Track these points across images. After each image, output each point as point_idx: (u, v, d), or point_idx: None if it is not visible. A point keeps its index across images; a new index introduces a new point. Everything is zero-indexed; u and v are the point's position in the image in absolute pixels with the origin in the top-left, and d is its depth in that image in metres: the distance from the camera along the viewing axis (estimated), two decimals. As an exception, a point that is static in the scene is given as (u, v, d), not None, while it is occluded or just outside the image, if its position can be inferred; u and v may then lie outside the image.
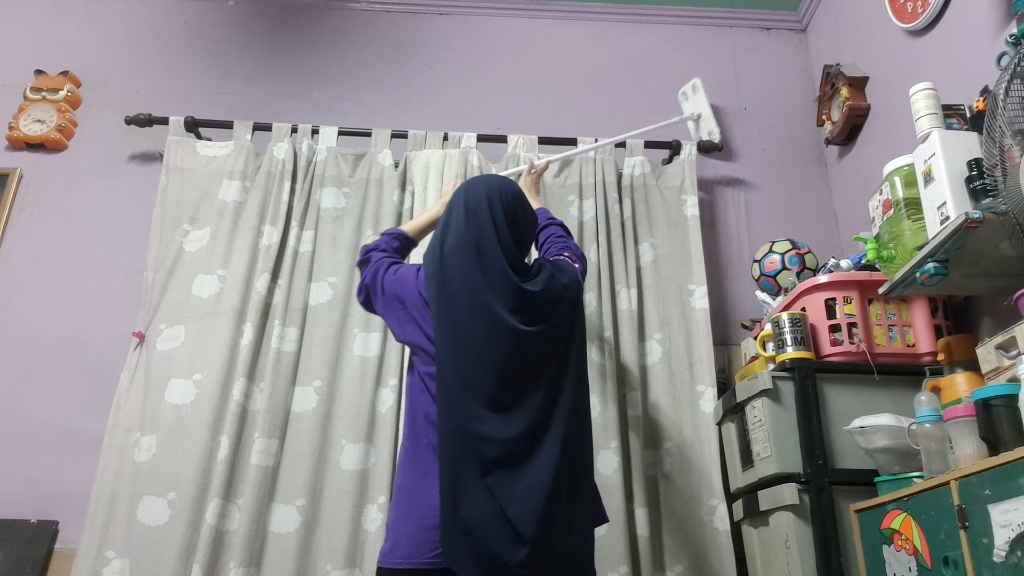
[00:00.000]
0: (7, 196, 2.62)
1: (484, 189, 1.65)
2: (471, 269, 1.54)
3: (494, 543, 1.38)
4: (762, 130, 2.92)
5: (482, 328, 1.50)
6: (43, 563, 2.18)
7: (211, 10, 3.01)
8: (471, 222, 1.59)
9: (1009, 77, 1.45)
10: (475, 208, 1.60)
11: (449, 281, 1.54)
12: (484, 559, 1.38)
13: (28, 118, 2.72)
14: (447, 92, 2.91)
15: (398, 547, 1.46)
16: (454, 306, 1.52)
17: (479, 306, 1.51)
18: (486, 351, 1.49)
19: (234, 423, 2.17)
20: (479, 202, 1.61)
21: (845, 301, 1.98)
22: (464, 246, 1.56)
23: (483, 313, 1.51)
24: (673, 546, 2.16)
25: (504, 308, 1.51)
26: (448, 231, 1.60)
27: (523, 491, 1.42)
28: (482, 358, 1.49)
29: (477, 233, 1.57)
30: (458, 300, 1.52)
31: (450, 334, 1.51)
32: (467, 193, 1.65)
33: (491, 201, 1.61)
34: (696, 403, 2.31)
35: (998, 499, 1.22)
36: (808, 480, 1.77)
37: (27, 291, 2.52)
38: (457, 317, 1.51)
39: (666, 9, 3.08)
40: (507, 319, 1.50)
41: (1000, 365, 1.48)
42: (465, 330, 1.50)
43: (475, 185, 1.67)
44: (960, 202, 1.53)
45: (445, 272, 1.55)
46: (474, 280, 1.53)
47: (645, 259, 2.50)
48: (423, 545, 1.43)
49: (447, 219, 1.63)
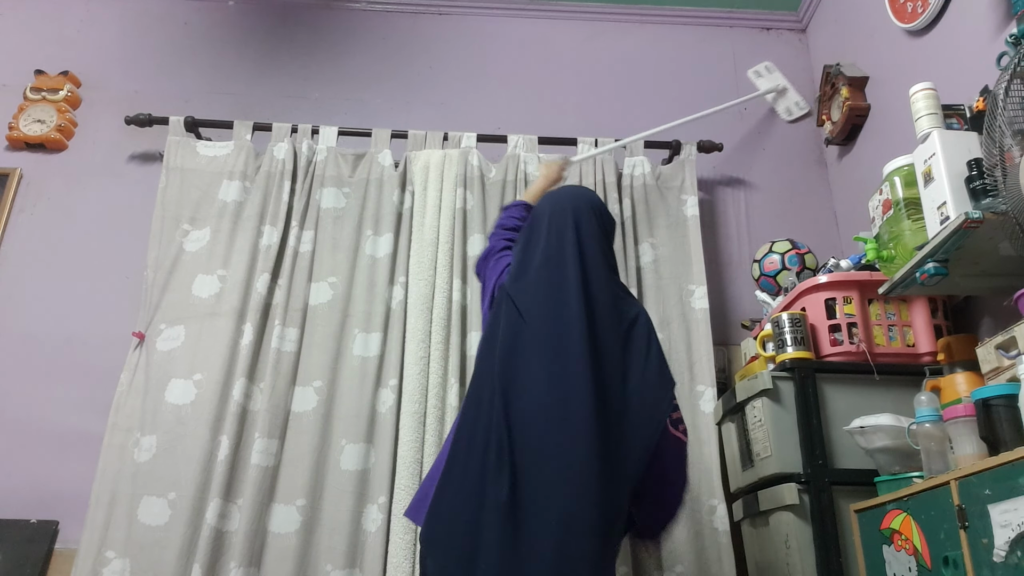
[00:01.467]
0: (7, 196, 2.62)
1: (572, 205, 1.58)
2: (553, 290, 1.46)
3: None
4: (762, 130, 2.92)
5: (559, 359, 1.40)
6: (43, 563, 2.18)
7: (211, 10, 3.01)
8: (557, 243, 1.52)
9: (1009, 77, 1.45)
10: (561, 227, 1.54)
11: (533, 303, 1.46)
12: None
13: (28, 118, 2.72)
14: (447, 92, 2.91)
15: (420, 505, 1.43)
16: (535, 329, 1.44)
17: (561, 333, 1.42)
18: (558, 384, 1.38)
19: (234, 423, 2.17)
20: (565, 220, 1.55)
21: (845, 301, 1.98)
22: (546, 268, 1.49)
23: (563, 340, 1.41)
24: (673, 546, 2.16)
25: (586, 334, 1.41)
26: (534, 251, 1.53)
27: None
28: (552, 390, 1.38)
29: (563, 254, 1.50)
30: (540, 324, 1.44)
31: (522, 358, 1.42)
32: (553, 210, 1.58)
33: (577, 221, 1.55)
34: (696, 403, 2.31)
35: (998, 499, 1.22)
36: (808, 480, 1.77)
37: (27, 291, 2.52)
38: (536, 340, 1.43)
39: (666, 9, 3.08)
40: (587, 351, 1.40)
41: (1000, 365, 1.48)
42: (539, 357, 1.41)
43: (561, 201, 1.61)
44: (960, 202, 1.53)
45: (529, 293, 1.48)
46: (557, 303, 1.45)
47: (645, 259, 2.50)
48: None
49: (532, 238, 1.56)
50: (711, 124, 2.86)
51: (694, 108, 2.91)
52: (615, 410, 1.39)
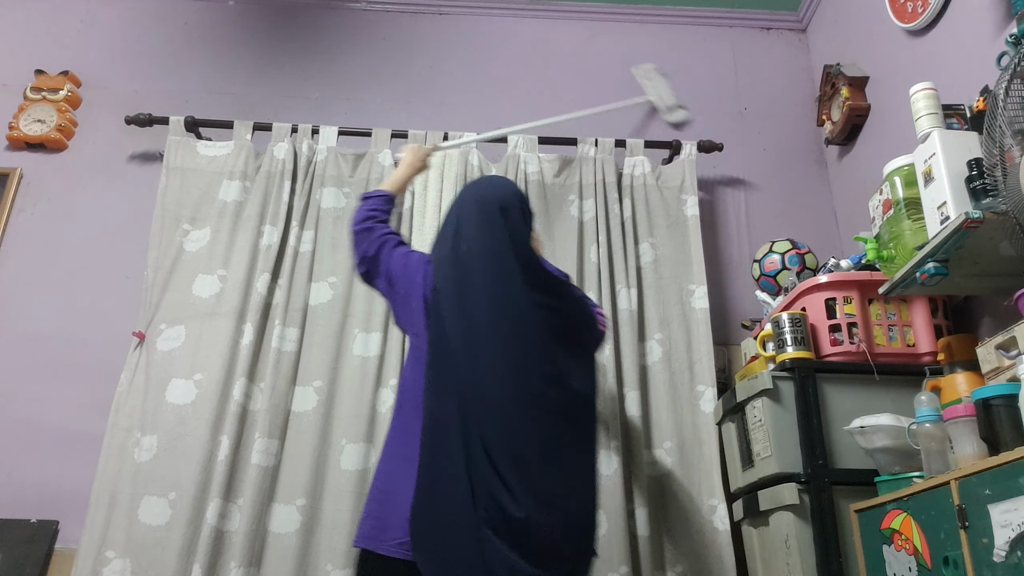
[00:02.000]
0: (7, 196, 2.62)
1: (498, 195, 1.62)
2: (487, 276, 1.51)
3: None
4: (762, 130, 2.92)
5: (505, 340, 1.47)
6: (43, 563, 2.18)
7: (211, 10, 3.01)
8: (487, 230, 1.56)
9: (1009, 77, 1.45)
10: (489, 215, 1.58)
11: (466, 291, 1.50)
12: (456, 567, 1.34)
13: (28, 118, 2.72)
14: (447, 92, 2.91)
15: (389, 530, 1.43)
16: (474, 316, 1.48)
17: (501, 317, 1.48)
18: (505, 358, 1.45)
19: (234, 423, 2.17)
20: (492, 209, 1.59)
21: (845, 301, 1.98)
22: (481, 255, 1.53)
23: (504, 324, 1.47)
24: (673, 546, 2.16)
25: (526, 319, 1.49)
26: (461, 239, 1.56)
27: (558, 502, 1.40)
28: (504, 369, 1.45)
29: (495, 242, 1.54)
30: (476, 311, 1.49)
31: (468, 338, 1.46)
32: (479, 199, 1.62)
33: (504, 208, 1.59)
34: (696, 403, 2.31)
35: (998, 499, 1.22)
36: (808, 480, 1.77)
37: (27, 291, 2.52)
38: (477, 327, 1.47)
39: (666, 9, 3.08)
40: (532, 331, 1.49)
41: (1000, 365, 1.48)
42: (484, 336, 1.47)
43: (488, 190, 1.65)
44: (960, 202, 1.53)
45: (459, 281, 1.52)
46: (490, 289, 1.50)
47: (645, 259, 2.50)
48: (395, 533, 1.41)
49: (459, 225, 1.59)
50: (711, 124, 2.86)
51: (694, 108, 2.91)
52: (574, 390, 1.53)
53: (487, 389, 1.42)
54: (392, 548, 1.41)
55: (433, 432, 1.43)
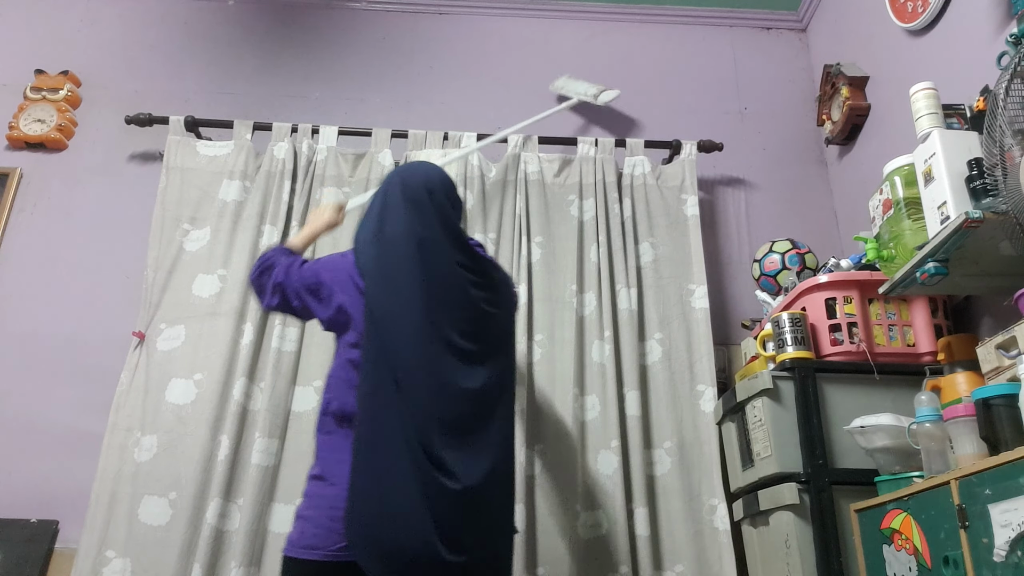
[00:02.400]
0: (7, 196, 2.62)
1: (423, 179, 1.65)
2: (413, 262, 1.53)
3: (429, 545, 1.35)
4: (762, 130, 2.92)
5: (425, 327, 1.50)
6: (43, 563, 2.18)
7: (211, 10, 3.01)
8: (414, 214, 1.58)
9: (1009, 77, 1.45)
10: (416, 199, 1.60)
11: (392, 273, 1.53)
12: (402, 555, 1.35)
13: (28, 118, 2.72)
14: (447, 92, 2.91)
15: (305, 536, 1.44)
16: (401, 300, 1.51)
17: (424, 301, 1.51)
18: (433, 344, 1.49)
19: (234, 423, 2.17)
20: (419, 193, 1.61)
21: (845, 301, 1.98)
22: (407, 238, 1.55)
23: (427, 306, 1.51)
24: (673, 546, 2.16)
25: (447, 312, 1.53)
26: (386, 222, 1.59)
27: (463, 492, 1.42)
28: (430, 353, 1.49)
29: (421, 226, 1.57)
30: (402, 297, 1.51)
31: (399, 327, 1.49)
32: (404, 183, 1.64)
33: (432, 191, 1.62)
34: (696, 403, 2.31)
35: (998, 499, 1.22)
36: (808, 480, 1.77)
37: (27, 291, 2.52)
38: (400, 312, 1.50)
39: (666, 9, 3.08)
40: (454, 314, 1.54)
41: (1000, 365, 1.48)
42: (407, 327, 1.49)
43: (413, 175, 1.66)
44: (960, 202, 1.53)
45: (385, 264, 1.54)
46: (417, 275, 1.53)
47: (645, 259, 2.50)
48: (330, 536, 1.41)
49: (384, 209, 1.61)
50: (711, 124, 2.86)
51: (694, 108, 2.92)
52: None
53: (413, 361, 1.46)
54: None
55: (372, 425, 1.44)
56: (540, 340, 2.34)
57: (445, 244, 1.58)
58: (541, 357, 2.32)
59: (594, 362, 2.32)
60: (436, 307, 1.52)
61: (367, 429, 1.43)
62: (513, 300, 1.77)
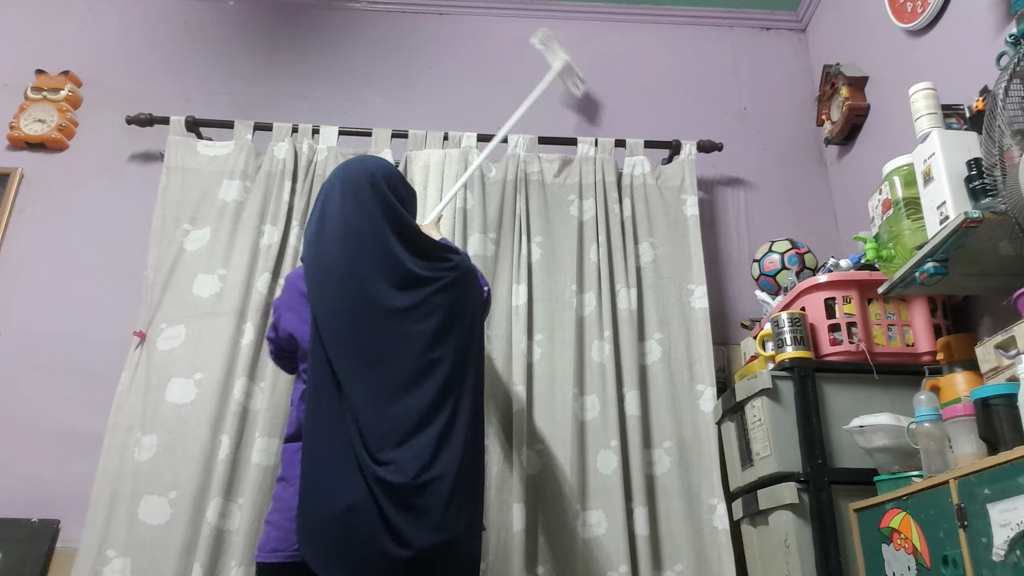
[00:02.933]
0: (8, 196, 2.62)
1: (362, 171, 1.61)
2: (353, 257, 1.51)
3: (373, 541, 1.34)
4: (762, 130, 2.92)
5: (365, 315, 1.48)
6: (44, 562, 2.19)
7: (211, 10, 3.01)
8: (353, 208, 1.55)
9: (1008, 77, 1.46)
10: (356, 192, 1.57)
11: (329, 272, 1.51)
12: (355, 556, 1.34)
13: (29, 118, 2.72)
14: (447, 92, 2.91)
15: (269, 540, 1.46)
16: (339, 298, 1.49)
17: (362, 293, 1.48)
18: (372, 341, 1.47)
19: (235, 422, 2.18)
20: (360, 186, 1.58)
21: (844, 301, 1.98)
22: (346, 234, 1.52)
23: (365, 298, 1.48)
24: (672, 545, 2.16)
25: (388, 290, 1.50)
26: (326, 220, 1.56)
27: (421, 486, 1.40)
28: (370, 351, 1.46)
29: (361, 219, 1.54)
30: (342, 290, 1.49)
31: (334, 324, 1.47)
32: (344, 178, 1.61)
33: (373, 183, 1.59)
34: (696, 403, 2.31)
35: (997, 498, 1.23)
36: (807, 479, 1.77)
37: (28, 291, 2.52)
38: (338, 306, 1.48)
39: (666, 9, 3.08)
40: (389, 303, 1.49)
41: (999, 364, 1.48)
42: (347, 319, 1.47)
43: (353, 168, 1.63)
44: (959, 202, 1.53)
45: (323, 263, 1.52)
46: (356, 268, 1.50)
47: (645, 259, 2.50)
48: (290, 538, 1.42)
49: (324, 207, 1.59)
50: (711, 124, 2.87)
51: (694, 108, 2.92)
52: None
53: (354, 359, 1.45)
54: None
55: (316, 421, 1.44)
56: (540, 340, 2.35)
57: (388, 236, 1.54)
58: (541, 357, 2.33)
59: (594, 362, 2.32)
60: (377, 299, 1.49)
61: (311, 427, 1.43)
62: (474, 294, 1.68)
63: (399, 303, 1.50)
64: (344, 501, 1.35)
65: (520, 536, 2.09)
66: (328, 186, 1.63)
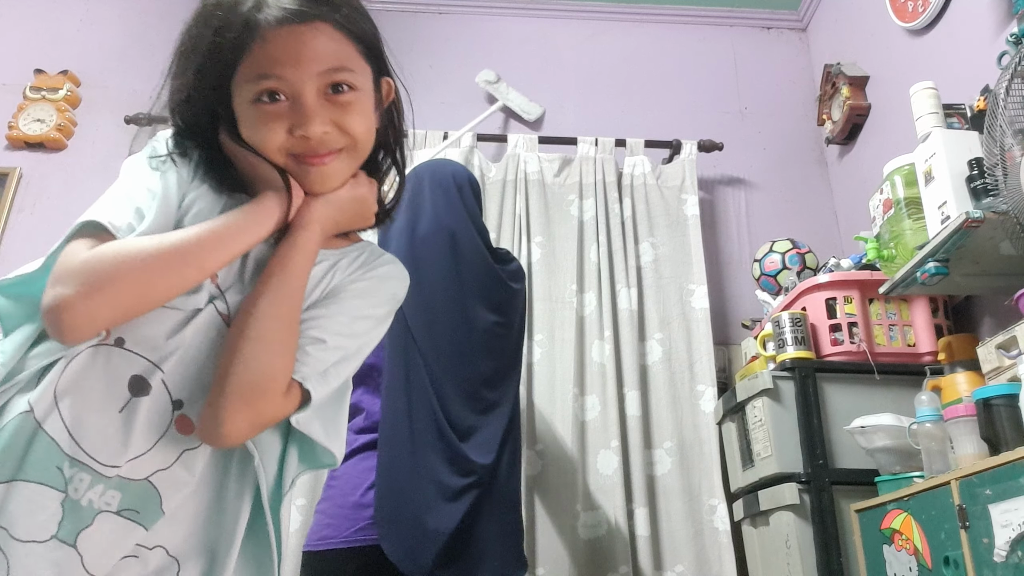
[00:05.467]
0: (6, 195, 2.62)
1: (451, 172, 1.65)
2: (447, 257, 1.52)
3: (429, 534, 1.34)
4: (762, 130, 2.91)
5: (460, 318, 1.50)
6: (43, 563, 2.18)
7: (211, 9, 3.00)
8: (444, 206, 1.57)
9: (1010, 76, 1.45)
10: (446, 190, 1.59)
11: (425, 269, 1.50)
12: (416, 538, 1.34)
13: (28, 117, 2.72)
14: (447, 92, 2.91)
15: (322, 529, 1.43)
16: (431, 295, 1.49)
17: (458, 296, 1.50)
18: (462, 339, 1.48)
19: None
20: (448, 185, 1.60)
21: (846, 300, 1.98)
22: (439, 232, 1.53)
23: (461, 303, 1.50)
24: (673, 546, 2.16)
25: (481, 298, 1.52)
26: (419, 216, 1.56)
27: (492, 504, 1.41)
28: (459, 348, 1.48)
29: (452, 219, 1.55)
30: (436, 289, 1.50)
31: (425, 324, 1.47)
32: (433, 176, 1.63)
33: (460, 186, 1.61)
34: (696, 403, 2.31)
35: (999, 499, 1.22)
36: (808, 480, 1.77)
37: (27, 291, 2.52)
38: (434, 306, 1.49)
39: (666, 9, 3.07)
40: (484, 312, 1.52)
41: (1001, 365, 1.48)
42: (441, 320, 1.49)
43: (441, 167, 1.67)
44: (961, 201, 1.52)
45: (419, 259, 1.51)
46: (452, 269, 1.51)
47: (645, 259, 2.50)
48: (344, 522, 1.39)
49: (414, 202, 1.58)
50: (711, 124, 2.86)
51: (694, 107, 2.92)
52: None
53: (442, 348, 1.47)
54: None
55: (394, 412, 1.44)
56: (540, 340, 2.34)
57: (476, 239, 1.57)
58: (541, 357, 2.32)
59: (594, 362, 2.32)
60: (472, 298, 1.52)
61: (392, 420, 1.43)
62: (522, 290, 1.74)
63: (492, 318, 1.54)
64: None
65: (520, 537, 2.08)
66: (416, 181, 1.61)
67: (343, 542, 1.36)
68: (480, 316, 1.51)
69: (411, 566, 1.31)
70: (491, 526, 1.39)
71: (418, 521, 1.32)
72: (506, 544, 1.43)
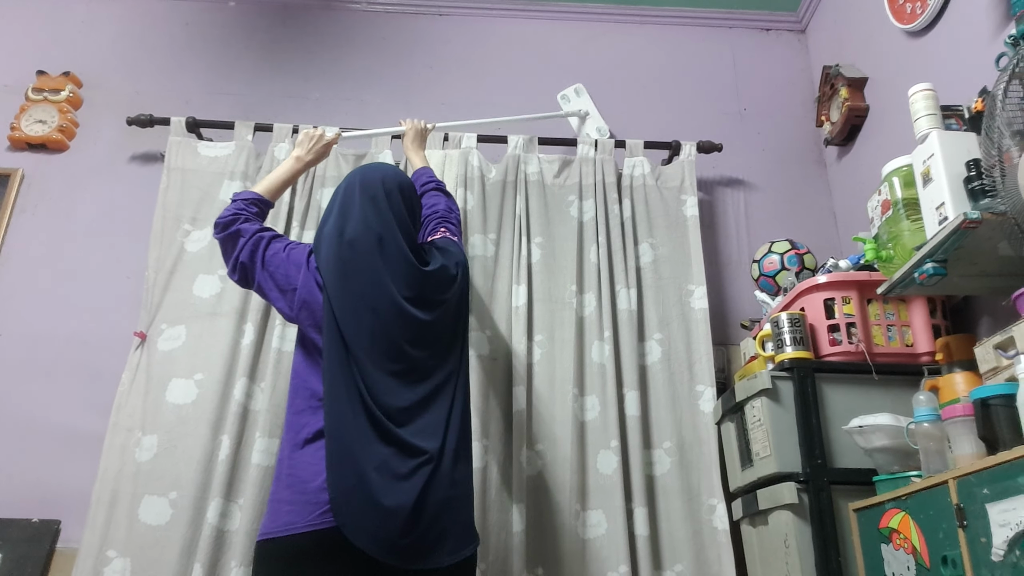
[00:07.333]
0: (9, 196, 2.63)
1: (380, 178, 1.73)
2: (374, 258, 1.62)
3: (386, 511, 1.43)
4: (762, 130, 2.92)
5: (385, 315, 1.59)
6: (44, 562, 2.19)
7: (211, 10, 3.01)
8: (372, 211, 1.67)
9: (1008, 78, 1.46)
10: (374, 196, 1.69)
11: (351, 270, 1.60)
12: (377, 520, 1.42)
13: (30, 118, 2.72)
14: (447, 92, 2.92)
15: (279, 517, 1.46)
16: (357, 294, 1.59)
17: (382, 294, 1.60)
18: (388, 335, 1.58)
19: (235, 423, 2.18)
20: (377, 191, 1.70)
21: (844, 301, 1.98)
22: (366, 235, 1.64)
23: (386, 300, 1.60)
24: (672, 545, 2.17)
25: (405, 296, 1.62)
26: (347, 220, 1.66)
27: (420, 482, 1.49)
28: (385, 342, 1.58)
29: (379, 223, 1.66)
30: (362, 288, 1.60)
31: (353, 320, 1.56)
32: (363, 182, 1.72)
33: (389, 191, 1.71)
34: (695, 403, 2.32)
35: (996, 498, 1.23)
36: (807, 479, 1.78)
37: (28, 291, 2.53)
38: (360, 304, 1.58)
39: (666, 9, 3.08)
40: (408, 307, 1.61)
41: (998, 365, 1.49)
42: (368, 317, 1.58)
43: (371, 173, 1.75)
44: (959, 202, 1.53)
45: (346, 260, 1.61)
46: (377, 269, 1.61)
47: (644, 259, 2.50)
48: (305, 509, 1.44)
49: (344, 207, 1.69)
50: (711, 124, 2.87)
51: (694, 108, 2.93)
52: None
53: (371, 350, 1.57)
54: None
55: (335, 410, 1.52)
56: (540, 340, 2.35)
57: (402, 242, 1.67)
58: (541, 357, 2.33)
59: (594, 362, 2.32)
60: (397, 294, 1.62)
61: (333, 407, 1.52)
62: (467, 290, 1.83)
63: (417, 314, 1.64)
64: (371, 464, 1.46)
65: (520, 536, 2.09)
66: (347, 187, 1.73)
67: (308, 526, 1.42)
68: (406, 310, 1.61)
69: (376, 548, 1.41)
70: (444, 502, 1.50)
71: (375, 504, 1.42)
72: (457, 519, 1.53)
